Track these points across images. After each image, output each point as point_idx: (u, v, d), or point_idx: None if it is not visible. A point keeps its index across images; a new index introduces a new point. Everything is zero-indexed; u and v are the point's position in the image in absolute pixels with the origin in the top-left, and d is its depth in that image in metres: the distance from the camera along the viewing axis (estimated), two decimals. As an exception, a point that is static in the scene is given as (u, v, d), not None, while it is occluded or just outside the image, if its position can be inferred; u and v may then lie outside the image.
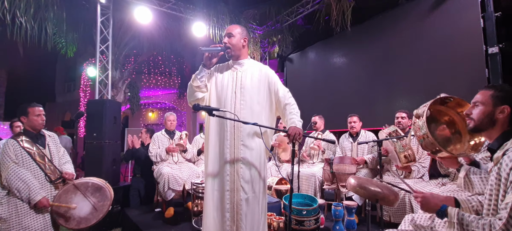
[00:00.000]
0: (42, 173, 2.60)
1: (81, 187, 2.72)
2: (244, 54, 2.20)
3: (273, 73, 2.21)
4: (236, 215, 1.95)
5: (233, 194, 1.98)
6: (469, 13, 3.75)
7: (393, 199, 1.78)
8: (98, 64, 5.10)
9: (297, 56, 7.11)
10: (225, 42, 2.12)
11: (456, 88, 3.79)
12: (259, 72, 2.16)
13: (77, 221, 2.61)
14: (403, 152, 3.02)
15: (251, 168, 2.00)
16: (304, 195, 3.36)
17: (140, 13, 5.25)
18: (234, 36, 2.11)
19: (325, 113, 4.62)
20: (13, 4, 4.51)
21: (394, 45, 4.80)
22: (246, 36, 2.18)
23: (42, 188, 2.55)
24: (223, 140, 2.03)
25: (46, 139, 2.75)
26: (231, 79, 2.13)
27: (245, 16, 6.86)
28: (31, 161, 2.55)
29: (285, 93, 2.16)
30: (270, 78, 2.16)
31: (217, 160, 2.05)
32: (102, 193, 2.78)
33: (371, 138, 3.87)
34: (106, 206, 2.75)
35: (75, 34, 6.44)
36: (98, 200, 2.74)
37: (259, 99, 2.10)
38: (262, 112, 2.10)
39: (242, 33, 2.15)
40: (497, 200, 1.20)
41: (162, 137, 4.19)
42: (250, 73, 2.14)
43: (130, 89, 11.09)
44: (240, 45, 2.13)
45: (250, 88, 2.08)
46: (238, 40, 2.12)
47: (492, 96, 1.33)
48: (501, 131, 1.31)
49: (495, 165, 1.25)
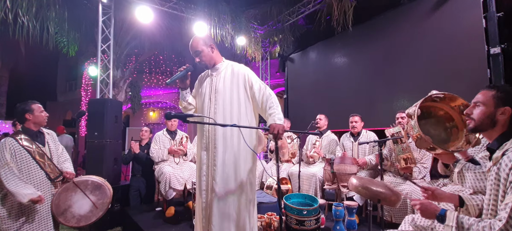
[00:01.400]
0: (42, 171, 2.59)
1: (80, 185, 2.72)
2: (217, 59, 2.22)
3: (247, 70, 2.18)
4: (210, 214, 2.02)
5: (208, 193, 2.06)
6: (471, 13, 3.74)
7: (395, 200, 1.77)
8: (100, 64, 5.11)
9: (298, 56, 7.10)
10: (198, 61, 2.16)
11: (458, 88, 3.75)
12: (231, 73, 2.16)
13: (77, 219, 2.63)
14: (402, 155, 3.02)
15: (224, 167, 2.04)
16: (304, 195, 3.35)
17: (141, 13, 5.25)
18: (202, 51, 2.13)
19: (326, 113, 4.61)
20: (15, 3, 4.52)
21: (395, 45, 4.78)
22: (210, 41, 2.18)
23: (41, 187, 2.54)
24: (201, 143, 2.16)
25: (45, 137, 2.74)
26: (208, 86, 2.20)
27: (246, 15, 6.85)
28: (31, 160, 2.53)
29: (261, 87, 2.10)
30: (243, 75, 2.14)
31: (199, 162, 2.17)
32: (102, 191, 2.79)
33: (372, 138, 3.87)
34: (105, 204, 2.76)
35: (76, 34, 6.44)
36: (97, 198, 2.75)
37: (232, 100, 2.11)
38: (238, 112, 2.11)
39: (206, 42, 2.15)
40: (497, 200, 1.20)
41: (164, 137, 4.20)
42: (223, 76, 2.16)
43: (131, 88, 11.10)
44: (210, 54, 2.16)
45: (222, 91, 2.11)
46: (207, 52, 2.14)
47: (493, 97, 1.32)
48: (501, 131, 1.30)
49: (494, 165, 1.25)
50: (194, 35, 2.20)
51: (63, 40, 6.41)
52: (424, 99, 1.75)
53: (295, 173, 3.96)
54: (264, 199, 3.19)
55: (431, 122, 1.86)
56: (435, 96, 1.76)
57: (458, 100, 1.73)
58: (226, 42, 6.47)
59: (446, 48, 4.03)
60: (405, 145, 3.09)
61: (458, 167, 1.64)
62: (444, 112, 1.84)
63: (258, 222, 2.87)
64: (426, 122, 1.84)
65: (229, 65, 2.22)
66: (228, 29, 6.37)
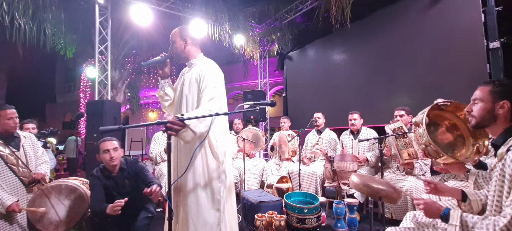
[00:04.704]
0: (14, 176, 2.49)
1: (54, 189, 2.58)
2: (192, 54, 2.08)
3: (208, 71, 1.94)
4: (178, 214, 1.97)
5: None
6: (470, 7, 3.72)
7: (396, 197, 1.76)
8: (97, 65, 5.09)
9: (297, 54, 7.08)
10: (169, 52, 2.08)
11: (457, 83, 3.77)
12: (197, 73, 1.98)
13: (55, 225, 2.52)
14: (406, 149, 3.00)
15: (177, 168, 1.98)
16: (305, 193, 3.35)
17: (138, 13, 5.23)
18: (174, 42, 2.04)
19: (325, 111, 4.60)
20: (11, 6, 4.50)
21: (394, 41, 4.77)
22: (187, 35, 2.05)
23: (14, 193, 2.45)
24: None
25: (21, 140, 2.62)
26: (180, 84, 2.10)
27: (244, 14, 6.83)
28: (3, 164, 2.42)
29: (205, 95, 1.85)
30: (201, 76, 1.94)
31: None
32: (77, 194, 2.64)
33: (372, 135, 3.85)
34: (83, 207, 2.62)
35: (74, 35, 6.43)
36: (73, 202, 2.62)
37: (193, 102, 1.96)
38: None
39: (182, 34, 2.04)
40: (501, 196, 1.18)
41: (163, 137, 4.19)
42: (190, 75, 2.02)
43: (129, 89, 11.09)
44: (182, 47, 2.04)
45: (187, 92, 2.00)
46: (179, 44, 2.04)
47: (490, 92, 1.31)
48: (504, 125, 1.29)
49: (499, 161, 1.23)
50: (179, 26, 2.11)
51: (61, 42, 6.39)
52: (431, 108, 1.72)
53: (295, 171, 3.95)
54: (264, 198, 3.18)
55: (437, 131, 1.83)
56: (441, 104, 1.74)
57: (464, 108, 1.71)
58: (224, 41, 6.46)
59: (445, 43, 4.01)
60: (407, 139, 3.08)
61: (472, 178, 1.62)
62: (449, 121, 1.82)
63: (259, 221, 2.87)
64: (433, 130, 1.80)
65: (199, 63, 2.06)
66: (225, 28, 6.35)
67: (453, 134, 1.81)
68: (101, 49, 5.17)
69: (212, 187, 1.88)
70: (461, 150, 1.75)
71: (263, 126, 7.79)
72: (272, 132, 7.63)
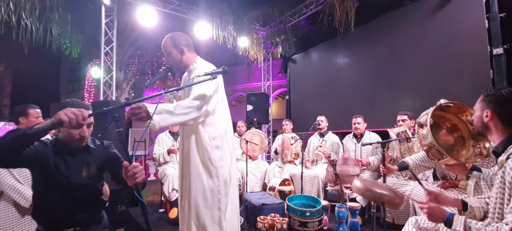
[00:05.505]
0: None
1: None
2: (190, 60, 2.07)
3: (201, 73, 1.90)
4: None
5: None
6: (473, 13, 3.73)
7: (398, 202, 1.77)
8: (103, 66, 5.14)
9: (301, 57, 7.11)
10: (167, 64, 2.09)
11: (461, 89, 3.77)
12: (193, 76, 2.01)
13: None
14: (409, 154, 3.01)
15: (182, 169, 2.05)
16: (307, 196, 3.36)
17: (144, 15, 5.28)
18: (171, 53, 2.02)
19: (328, 114, 4.61)
20: (18, 6, 4.55)
21: (398, 45, 4.78)
22: (180, 43, 2.02)
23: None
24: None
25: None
26: (182, 91, 2.13)
27: (248, 17, 6.86)
28: None
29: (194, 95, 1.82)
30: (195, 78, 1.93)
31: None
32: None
33: (375, 139, 3.86)
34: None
35: (79, 36, 6.48)
36: None
37: None
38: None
39: (175, 44, 2.01)
40: (503, 204, 1.20)
41: (166, 138, 4.22)
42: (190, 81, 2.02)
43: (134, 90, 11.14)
44: (179, 57, 2.02)
45: (183, 96, 2.04)
46: (176, 55, 2.02)
47: (481, 101, 1.37)
48: (501, 134, 1.30)
49: (499, 169, 1.25)
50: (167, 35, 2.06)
51: (66, 42, 6.45)
52: (435, 108, 1.73)
53: (297, 174, 3.96)
54: (266, 201, 3.20)
55: (439, 132, 1.84)
56: (444, 105, 1.75)
57: (467, 110, 1.71)
58: (228, 43, 6.49)
59: (448, 49, 4.02)
60: (411, 144, 3.08)
61: (473, 179, 1.63)
62: (450, 122, 1.83)
63: (261, 224, 2.88)
64: (435, 131, 1.80)
65: (198, 67, 2.04)
66: (230, 30, 6.39)
67: (453, 135, 1.82)
68: (106, 50, 5.22)
69: (212, 186, 1.91)
70: (461, 151, 1.76)
71: (266, 128, 7.81)
72: (274, 134, 7.65)
